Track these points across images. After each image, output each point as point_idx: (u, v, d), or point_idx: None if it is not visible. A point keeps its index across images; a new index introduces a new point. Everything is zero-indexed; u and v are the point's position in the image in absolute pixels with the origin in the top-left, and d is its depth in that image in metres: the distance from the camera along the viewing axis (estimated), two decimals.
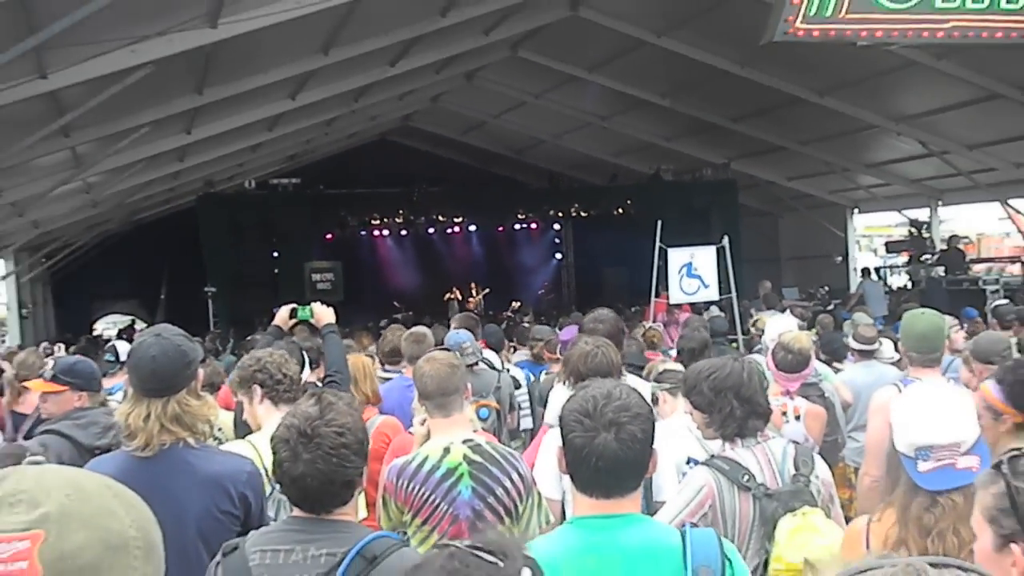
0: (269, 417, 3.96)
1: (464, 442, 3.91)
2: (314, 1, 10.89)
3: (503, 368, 7.93)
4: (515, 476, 3.86)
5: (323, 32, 13.26)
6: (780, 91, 18.19)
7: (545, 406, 6.82)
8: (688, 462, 4.53)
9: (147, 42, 10.50)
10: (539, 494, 3.97)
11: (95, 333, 26.04)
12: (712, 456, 3.74)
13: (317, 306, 5.32)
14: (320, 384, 4.93)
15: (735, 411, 3.67)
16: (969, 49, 12.64)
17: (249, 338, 11.40)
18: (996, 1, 10.55)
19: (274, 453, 2.65)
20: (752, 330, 9.20)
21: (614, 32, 17.01)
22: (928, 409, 2.66)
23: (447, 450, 3.88)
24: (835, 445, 5.94)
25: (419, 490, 3.82)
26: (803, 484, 3.55)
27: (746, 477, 3.53)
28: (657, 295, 13.68)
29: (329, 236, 25.62)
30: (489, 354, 8.12)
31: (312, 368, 5.30)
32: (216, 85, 13.76)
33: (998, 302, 11.92)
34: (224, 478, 3.28)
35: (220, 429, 4.99)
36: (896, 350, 7.90)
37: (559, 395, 5.12)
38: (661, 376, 5.25)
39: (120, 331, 24.78)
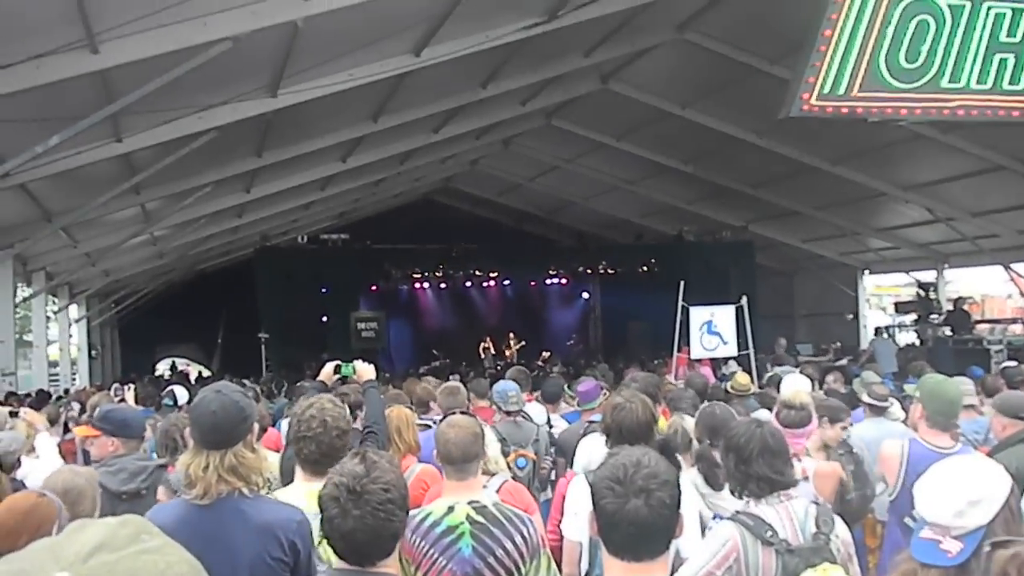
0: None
1: (470, 503, 3.84)
2: (366, 74, 11.03)
3: (548, 421, 7.86)
4: (519, 539, 3.76)
5: (373, 101, 13.42)
6: (796, 160, 18.21)
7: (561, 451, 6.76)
8: (714, 517, 4.45)
9: (213, 110, 10.68)
10: (548, 557, 3.88)
11: (157, 374, 26.19)
12: (737, 512, 3.67)
13: (359, 364, 5.30)
14: (361, 432, 4.90)
15: (764, 473, 3.63)
16: (974, 124, 12.59)
17: (299, 384, 11.41)
18: (999, 83, 10.53)
19: (323, 510, 2.62)
20: (731, 390, 9.02)
21: (641, 104, 17.14)
22: (942, 485, 2.60)
23: (451, 508, 3.81)
24: (864, 498, 5.80)
25: (420, 543, 3.75)
26: (824, 542, 3.49)
27: (769, 533, 3.48)
28: (679, 350, 13.62)
29: (374, 288, 25.73)
30: (536, 407, 8.06)
31: (353, 420, 5.28)
32: (274, 148, 13.95)
33: (1006, 363, 11.71)
34: (275, 526, 3.25)
35: (271, 474, 4.96)
36: (903, 409, 7.79)
37: (588, 444, 5.06)
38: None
39: (173, 374, 24.92)
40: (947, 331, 18.86)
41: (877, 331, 22.00)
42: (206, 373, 27.55)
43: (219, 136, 11.23)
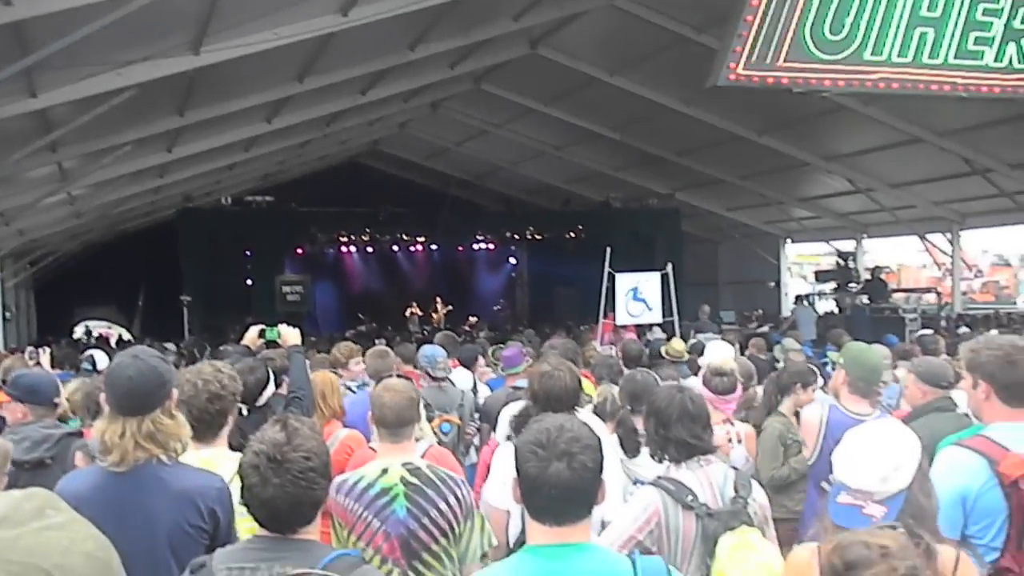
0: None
1: (404, 464, 3.85)
2: (291, 33, 10.81)
3: (474, 386, 7.86)
4: (452, 499, 3.80)
5: (299, 61, 13.17)
6: (722, 129, 18.41)
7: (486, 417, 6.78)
8: (635, 482, 4.51)
9: (133, 66, 10.36)
10: (482, 517, 3.92)
11: (75, 337, 25.58)
12: (658, 477, 3.73)
13: (284, 328, 5.22)
14: (286, 397, 4.84)
15: (682, 437, 3.68)
16: (894, 97, 12.84)
17: (222, 348, 11.23)
18: (919, 57, 10.74)
19: (242, 478, 2.58)
20: (666, 355, 9.09)
21: (570, 70, 17.12)
22: (863, 451, 2.65)
23: (385, 471, 3.83)
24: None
25: (354, 506, 3.78)
26: (742, 506, 3.56)
27: (690, 497, 3.54)
28: (605, 316, 13.73)
29: (299, 251, 25.46)
30: (462, 372, 8.05)
31: (277, 385, 5.21)
32: (197, 108, 13.62)
33: (922, 332, 12.04)
34: (194, 493, 3.19)
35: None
36: (820, 376, 7.97)
37: (512, 410, 5.07)
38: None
39: (93, 336, 24.38)
40: (865, 300, 19.32)
41: (798, 299, 22.45)
42: (127, 336, 26.99)
43: (140, 93, 10.90)
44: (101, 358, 8.31)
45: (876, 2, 10.37)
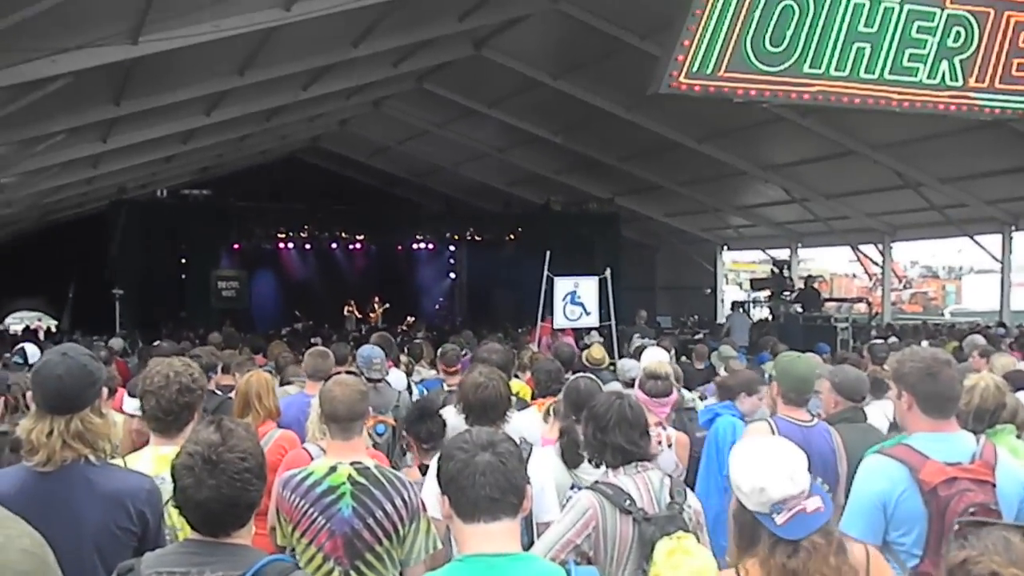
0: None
1: (352, 463, 3.82)
2: (233, 26, 10.66)
3: (408, 387, 7.81)
4: (398, 501, 3.78)
5: (240, 54, 13.00)
6: (662, 136, 18.58)
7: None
8: (572, 487, 4.52)
9: (68, 54, 10.11)
10: (428, 520, 3.90)
11: (1, 328, 24.95)
12: (596, 481, 3.74)
13: None
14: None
15: (619, 443, 3.70)
16: (831, 110, 13.06)
17: (156, 344, 11.04)
18: (856, 71, 10.92)
19: (175, 480, 2.52)
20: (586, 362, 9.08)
21: (513, 72, 17.16)
22: (772, 466, 2.69)
23: (333, 468, 3.80)
24: None
25: (300, 503, 3.75)
26: (678, 511, 3.60)
27: (628, 502, 3.57)
28: (543, 319, 13.75)
29: (236, 246, 25.09)
30: (396, 373, 7.98)
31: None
32: (134, 98, 13.37)
33: (874, 341, 12.26)
34: (123, 495, 3.12)
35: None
36: None
37: (450, 420, 5.05)
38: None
39: (25, 329, 23.80)
40: (798, 308, 19.64)
41: (734, 306, 22.77)
42: (56, 328, 26.40)
43: (74, 82, 10.66)
44: (32, 351, 8.05)
45: (815, 16, 10.52)
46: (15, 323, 27.93)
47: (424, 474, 4.48)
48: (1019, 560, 1.98)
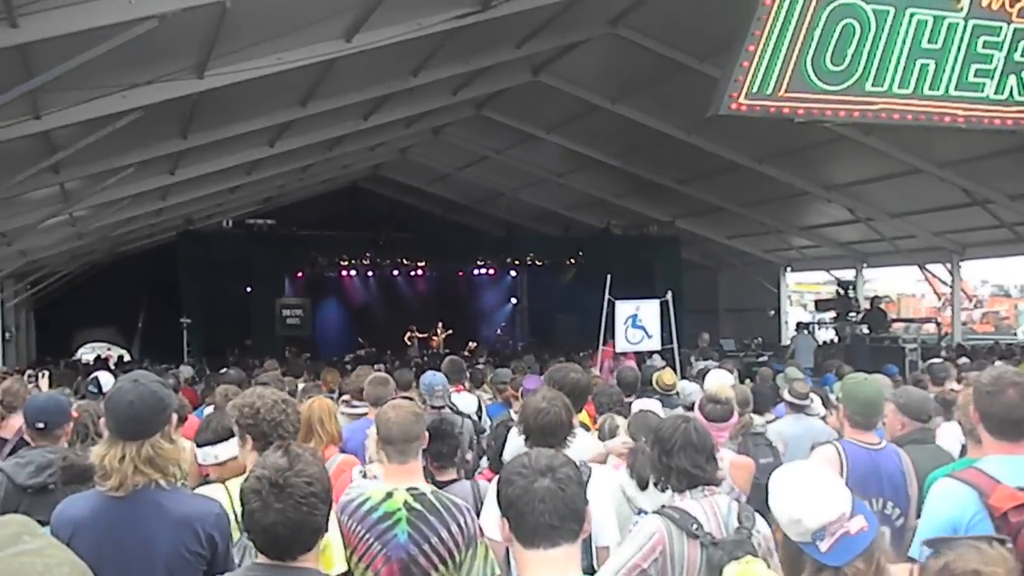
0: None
1: (408, 489, 3.82)
2: (295, 59, 10.84)
3: (478, 411, 7.82)
4: (454, 527, 3.76)
5: (302, 86, 13.21)
6: (722, 157, 18.45)
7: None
8: (638, 513, 4.48)
9: (137, 89, 10.37)
10: (485, 546, 3.88)
11: (74, 358, 25.52)
12: (663, 506, 3.72)
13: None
14: None
15: (684, 466, 3.68)
16: (894, 128, 12.87)
17: (223, 371, 11.21)
18: (920, 88, 10.77)
19: (244, 503, 2.56)
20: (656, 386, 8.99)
21: (572, 97, 17.20)
22: (805, 495, 2.66)
23: (389, 494, 3.80)
24: None
25: (356, 527, 3.75)
26: (746, 536, 3.55)
27: (695, 526, 3.54)
28: (604, 343, 13.70)
29: (300, 274, 25.48)
30: (466, 397, 8.00)
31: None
32: (200, 131, 13.66)
33: (933, 360, 12.03)
34: (193, 519, 3.18)
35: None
36: (824, 405, 7.94)
37: (513, 442, 5.04)
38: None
39: (96, 359, 24.30)
40: (864, 329, 19.31)
41: (799, 327, 22.47)
42: (127, 358, 26.96)
43: (143, 116, 10.92)
44: (106, 380, 8.20)
45: (877, 33, 10.41)
46: (87, 353, 28.51)
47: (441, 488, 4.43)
48: (993, 560, 2.28)
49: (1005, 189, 17.34)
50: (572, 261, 26.07)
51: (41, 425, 4.85)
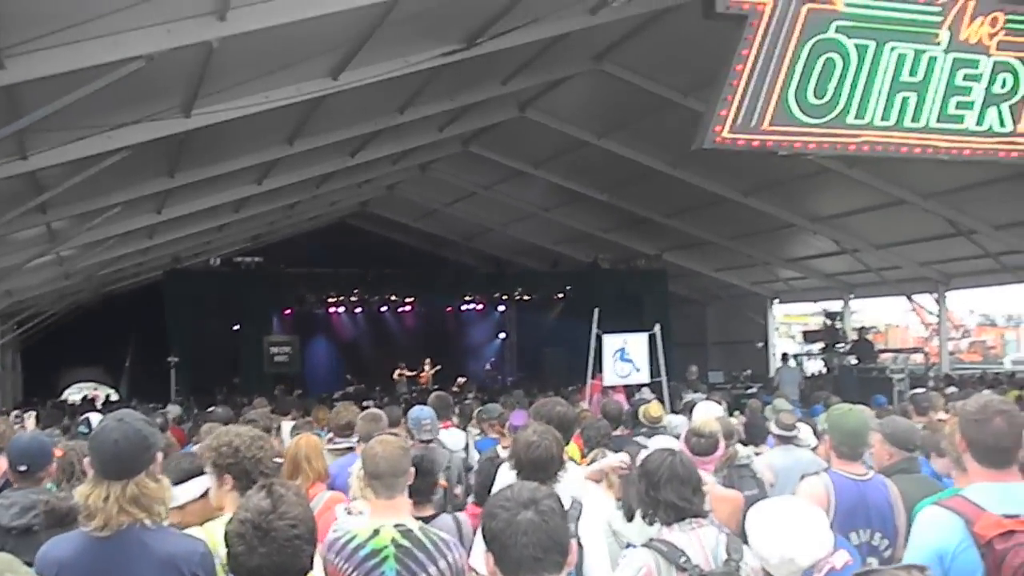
0: (234, 506, 3.80)
1: (396, 526, 3.81)
2: (282, 97, 10.89)
3: (466, 447, 7.80)
4: (443, 563, 3.75)
5: (289, 124, 13.26)
6: (708, 190, 18.57)
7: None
8: (626, 546, 4.47)
9: (124, 129, 10.39)
10: None
11: (61, 399, 25.35)
12: (651, 539, 3.72)
13: None
14: None
15: (671, 499, 3.68)
16: (878, 160, 12.98)
17: (210, 410, 11.16)
18: (901, 120, 10.86)
19: (228, 546, 2.54)
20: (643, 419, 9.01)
21: (558, 132, 17.31)
22: (795, 534, 2.66)
23: (376, 531, 3.79)
24: None
25: (344, 565, 3.74)
26: (734, 568, 3.55)
27: (683, 558, 3.55)
28: (593, 377, 13.70)
29: (288, 312, 25.43)
30: (454, 433, 7.97)
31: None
32: (187, 169, 13.67)
33: (916, 390, 12.06)
34: (178, 558, 3.16)
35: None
36: (815, 435, 7.94)
37: (504, 477, 5.03)
38: None
39: (83, 399, 24.14)
40: (852, 360, 19.34)
41: (784, 357, 22.49)
42: (114, 397, 26.80)
43: (130, 155, 10.94)
44: (97, 420, 8.14)
45: (859, 67, 10.51)
46: (74, 393, 28.33)
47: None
48: None
49: (989, 219, 17.45)
50: (560, 296, 26.11)
51: (23, 468, 4.83)
